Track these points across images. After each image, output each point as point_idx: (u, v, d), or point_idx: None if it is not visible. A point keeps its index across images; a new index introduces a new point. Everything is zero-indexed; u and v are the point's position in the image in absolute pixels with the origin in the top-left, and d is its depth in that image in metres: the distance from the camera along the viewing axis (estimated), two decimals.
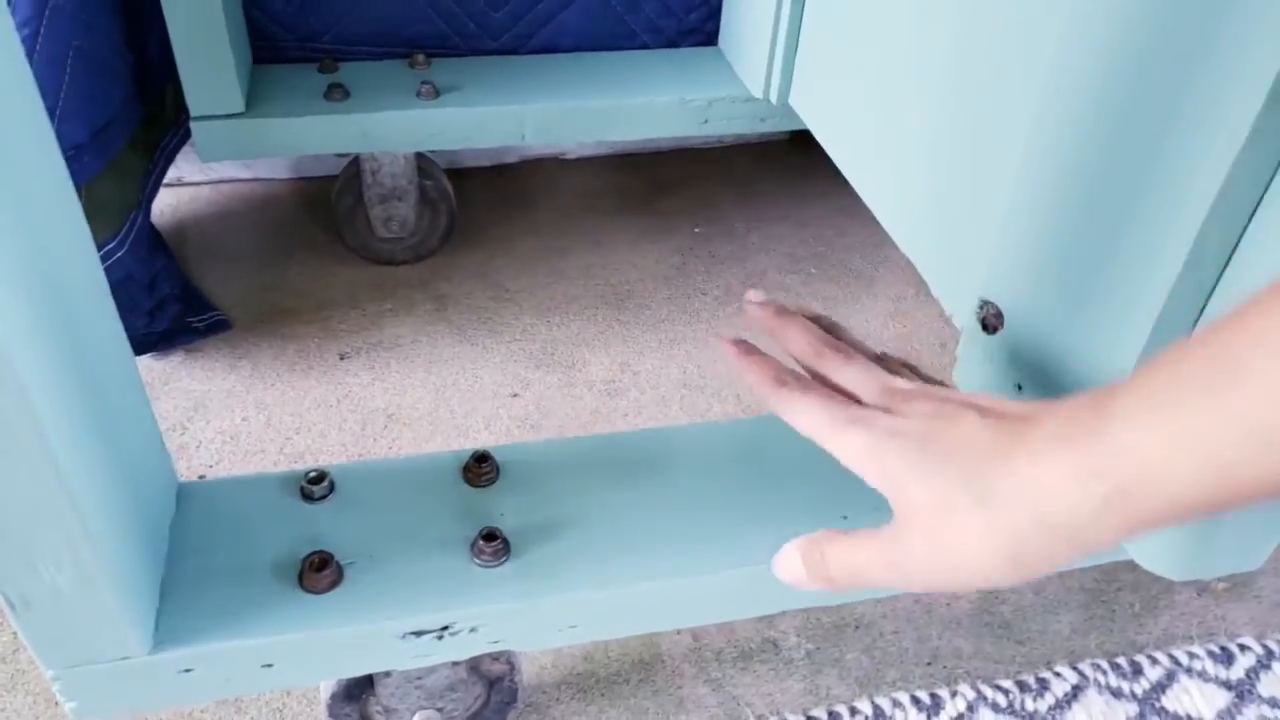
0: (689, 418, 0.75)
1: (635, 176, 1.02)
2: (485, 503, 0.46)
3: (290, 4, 0.79)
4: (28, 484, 0.32)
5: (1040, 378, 0.46)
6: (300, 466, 0.69)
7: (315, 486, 0.45)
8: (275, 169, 0.97)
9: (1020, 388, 0.49)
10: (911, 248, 0.60)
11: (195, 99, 0.73)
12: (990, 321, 0.52)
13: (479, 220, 0.94)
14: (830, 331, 0.42)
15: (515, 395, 0.76)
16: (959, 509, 0.30)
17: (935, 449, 0.32)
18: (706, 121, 0.82)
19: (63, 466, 0.32)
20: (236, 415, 0.73)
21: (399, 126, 0.76)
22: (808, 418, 0.36)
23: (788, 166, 1.05)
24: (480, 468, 0.47)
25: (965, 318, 0.54)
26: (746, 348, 0.41)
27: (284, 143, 0.76)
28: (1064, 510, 0.28)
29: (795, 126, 0.78)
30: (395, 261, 0.87)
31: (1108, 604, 0.64)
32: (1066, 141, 0.43)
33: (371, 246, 0.86)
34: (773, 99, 0.79)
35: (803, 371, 0.41)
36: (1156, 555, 0.43)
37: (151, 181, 0.75)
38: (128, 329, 0.41)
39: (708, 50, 0.87)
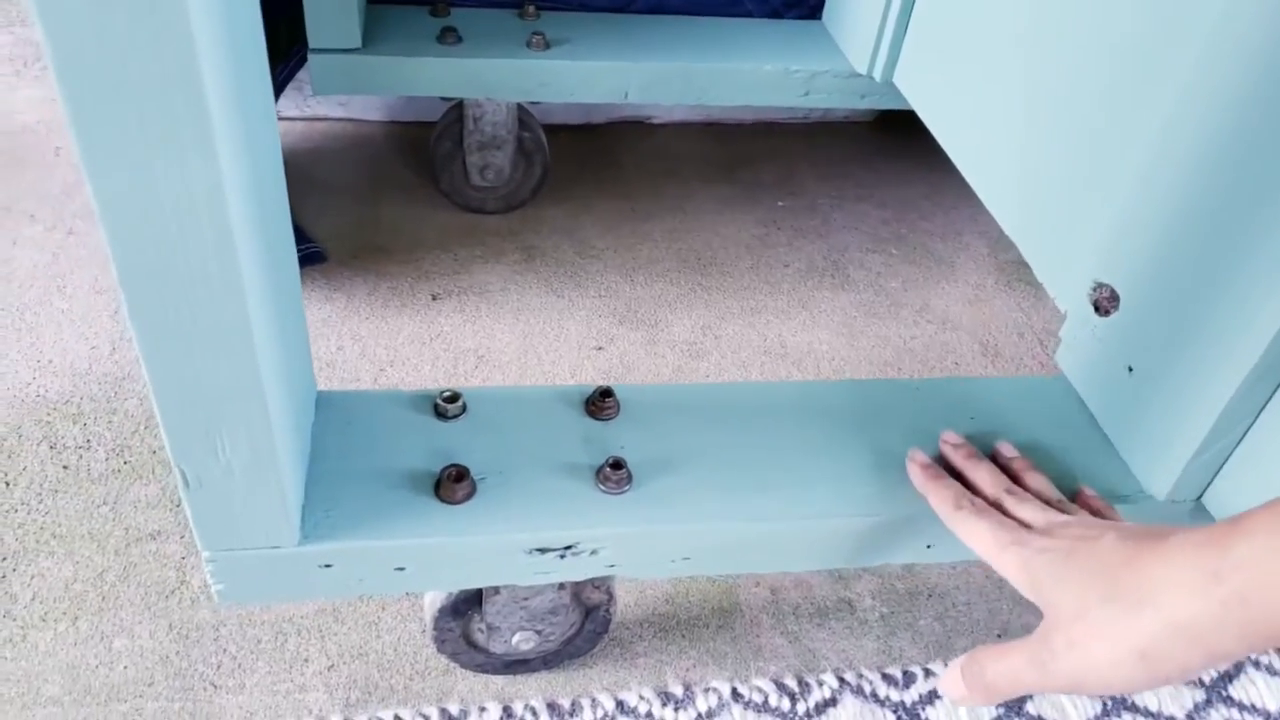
0: (768, 376, 0.77)
1: (720, 146, 1.04)
2: (607, 434, 0.48)
3: None
4: (229, 366, 0.34)
5: (1153, 360, 0.48)
6: None
7: (450, 405, 0.47)
8: (369, 110, 0.99)
9: (1131, 369, 0.50)
10: (1018, 230, 0.62)
11: (316, 32, 0.74)
12: (1103, 304, 0.53)
13: (568, 177, 0.96)
14: (1021, 473, 0.47)
15: (600, 349, 0.78)
16: (1092, 606, 0.34)
17: (1076, 560, 0.36)
18: (808, 94, 0.83)
19: (259, 351, 0.34)
20: (332, 344, 0.76)
21: (508, 75, 0.78)
22: (977, 539, 0.41)
23: (871, 147, 1.06)
24: (604, 402, 0.48)
25: (1073, 301, 0.55)
26: (934, 472, 0.46)
27: (396, 81, 0.77)
28: (1186, 610, 0.31)
29: (896, 105, 0.79)
30: (486, 210, 0.89)
31: None
32: (1205, 140, 0.44)
33: (465, 193, 0.88)
34: (876, 76, 0.80)
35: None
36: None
37: None
38: None
39: (812, 24, 0.88)
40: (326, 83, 0.76)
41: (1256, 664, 0.60)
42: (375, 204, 0.90)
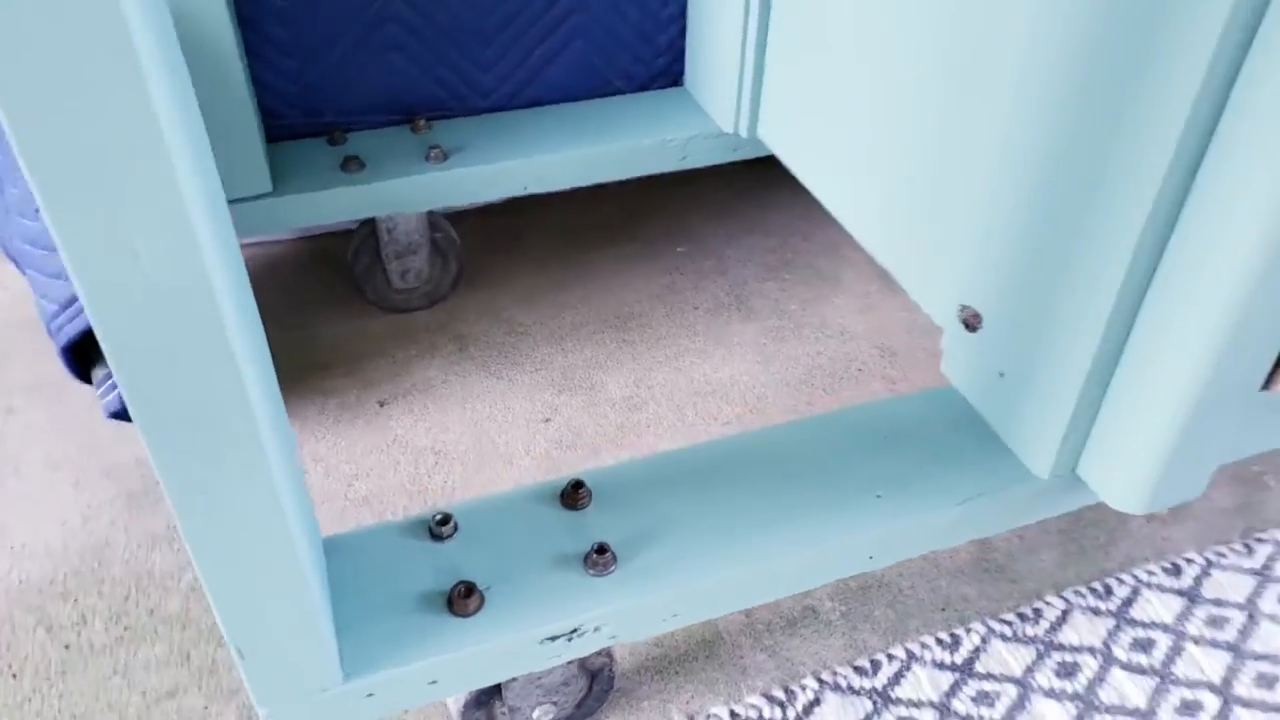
0: (704, 422, 0.85)
1: (614, 207, 1.11)
2: (586, 522, 0.55)
3: (295, 83, 0.85)
4: (266, 544, 0.40)
5: (1018, 365, 0.57)
6: (369, 511, 0.77)
7: (444, 527, 0.54)
8: (279, 231, 1.03)
9: (1002, 375, 0.59)
10: (888, 260, 0.71)
11: (229, 184, 0.79)
12: (971, 322, 0.62)
13: (482, 261, 1.02)
14: None
15: (547, 420, 0.85)
16: None
17: None
18: (685, 158, 0.91)
19: (291, 522, 0.40)
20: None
21: (413, 190, 0.84)
22: None
23: (748, 182, 1.15)
24: (577, 493, 0.55)
25: (946, 320, 0.65)
26: None
27: (310, 215, 0.83)
28: None
29: (765, 153, 0.88)
30: (413, 308, 0.95)
31: (1078, 540, 0.76)
32: (1030, 173, 0.53)
33: (390, 298, 0.94)
34: (743, 133, 0.89)
35: None
36: (1121, 495, 0.55)
37: None
38: None
39: (678, 91, 0.96)
40: (246, 227, 0.81)
41: (1149, 586, 0.71)
42: (306, 323, 0.95)
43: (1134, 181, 0.46)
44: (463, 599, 0.50)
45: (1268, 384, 0.52)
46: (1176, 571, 0.71)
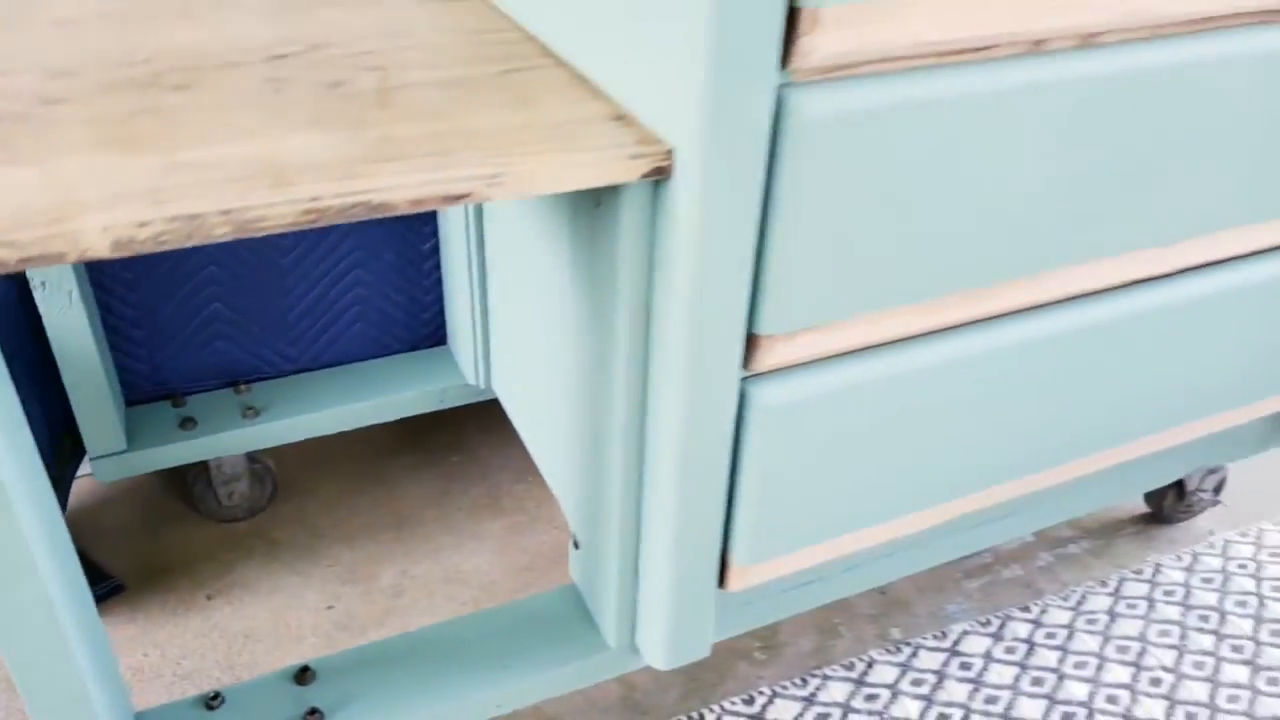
0: (448, 604, 1.16)
1: (406, 424, 1.44)
2: (310, 694, 0.85)
3: (148, 365, 1.17)
4: None
5: (594, 570, 0.90)
6: (191, 684, 1.05)
7: (214, 702, 0.83)
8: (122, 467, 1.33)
9: (588, 576, 0.92)
10: (557, 492, 1.05)
11: (91, 442, 1.09)
12: (576, 541, 0.96)
13: (293, 480, 1.33)
14: None
15: (330, 607, 1.15)
16: None
17: None
18: (443, 401, 1.25)
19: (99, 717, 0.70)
20: (139, 653, 1.08)
21: (233, 441, 1.15)
22: None
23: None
24: (304, 675, 0.86)
25: (574, 538, 0.98)
26: None
27: (158, 462, 1.13)
28: None
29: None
30: (238, 519, 1.25)
31: (698, 678, 1.08)
32: (575, 441, 0.88)
33: (219, 512, 1.24)
34: (481, 385, 1.23)
35: None
36: (652, 654, 0.87)
37: (62, 503, 1.10)
38: None
39: (440, 349, 1.31)
40: (105, 473, 1.11)
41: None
42: (155, 534, 1.24)
43: (612, 445, 0.81)
44: None
45: (721, 584, 0.86)
46: (751, 701, 1.04)
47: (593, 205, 0.72)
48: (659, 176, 0.64)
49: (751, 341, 0.72)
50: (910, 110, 0.65)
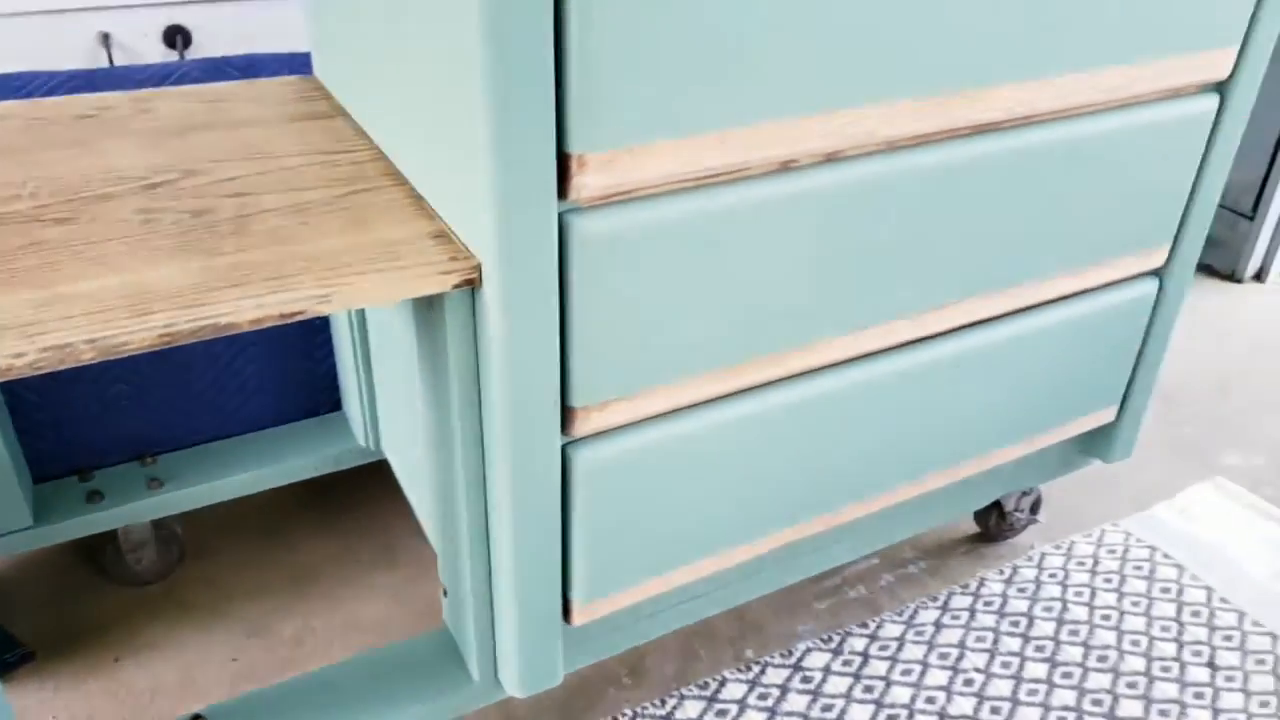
0: (346, 651, 1.26)
1: (300, 486, 1.54)
2: None
3: (53, 441, 1.26)
4: None
5: (460, 615, 1.02)
6: None
7: None
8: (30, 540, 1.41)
9: (456, 622, 1.04)
10: (433, 544, 1.17)
11: (1, 523, 1.18)
12: (446, 590, 1.08)
13: (200, 539, 1.42)
14: None
15: (235, 660, 1.25)
16: None
17: None
18: (338, 464, 1.36)
19: None
20: (48, 716, 1.17)
21: (140, 510, 1.25)
22: None
23: None
24: None
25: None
26: None
27: (66, 534, 1.22)
28: None
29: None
30: (148, 582, 1.34)
31: (569, 708, 1.20)
32: (433, 498, 1.00)
33: (129, 576, 1.33)
34: (372, 447, 1.35)
35: None
36: (511, 684, 0.99)
37: None
38: None
39: (336, 415, 1.42)
40: (13, 548, 1.20)
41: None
42: (67, 601, 1.32)
43: (459, 503, 0.93)
44: None
45: (566, 619, 0.99)
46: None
47: (427, 306, 0.85)
48: (471, 286, 0.77)
49: (568, 412, 0.85)
50: (674, 224, 0.80)
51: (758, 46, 0.76)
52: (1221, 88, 1.09)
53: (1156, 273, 1.20)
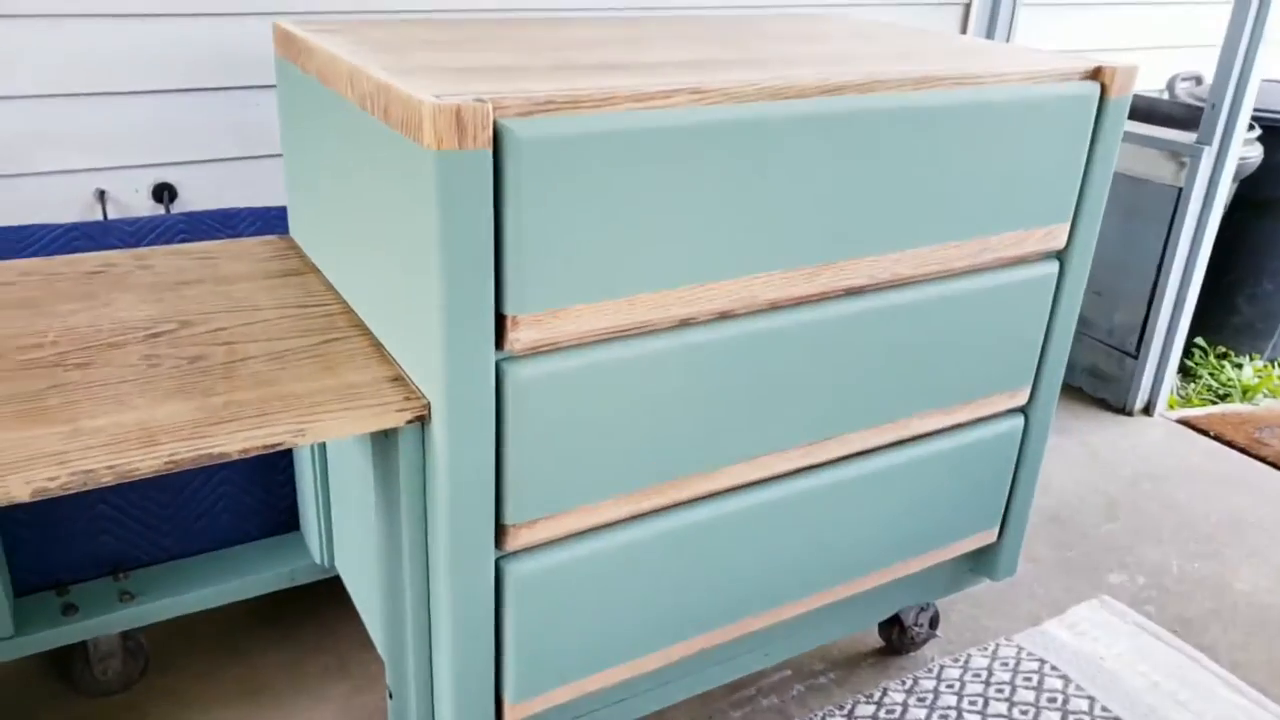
0: None
1: (259, 600, 1.65)
2: None
3: (35, 557, 1.37)
4: None
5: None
6: None
7: None
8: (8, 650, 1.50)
9: (390, 696, 1.15)
10: (380, 652, 1.28)
11: None
12: (391, 693, 1.19)
13: (163, 650, 1.52)
14: None
15: None
16: None
17: None
18: (294, 579, 1.48)
19: None
20: None
21: (111, 622, 1.35)
22: None
23: None
24: None
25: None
26: None
27: (40, 645, 1.32)
28: None
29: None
30: (113, 693, 1.42)
31: None
32: (382, 597, 1.13)
33: (98, 687, 1.41)
34: (327, 564, 1.47)
35: None
36: None
37: None
38: None
39: (294, 535, 1.54)
40: None
41: None
42: (29, 713, 1.40)
43: (405, 611, 1.06)
44: None
45: (499, 718, 1.11)
46: None
47: (383, 438, 1.01)
48: (421, 421, 0.93)
49: (501, 529, 1.00)
50: (593, 370, 0.97)
51: (658, 233, 0.95)
52: (1060, 255, 1.31)
53: (1022, 409, 1.39)
